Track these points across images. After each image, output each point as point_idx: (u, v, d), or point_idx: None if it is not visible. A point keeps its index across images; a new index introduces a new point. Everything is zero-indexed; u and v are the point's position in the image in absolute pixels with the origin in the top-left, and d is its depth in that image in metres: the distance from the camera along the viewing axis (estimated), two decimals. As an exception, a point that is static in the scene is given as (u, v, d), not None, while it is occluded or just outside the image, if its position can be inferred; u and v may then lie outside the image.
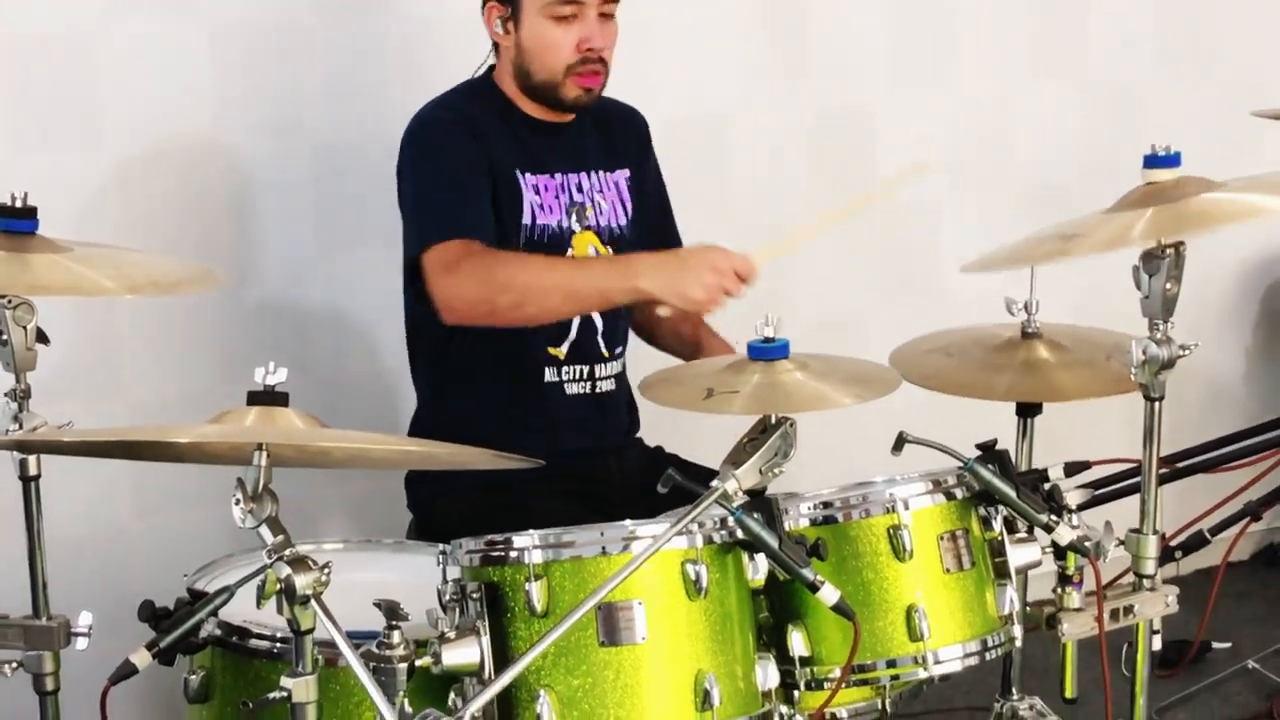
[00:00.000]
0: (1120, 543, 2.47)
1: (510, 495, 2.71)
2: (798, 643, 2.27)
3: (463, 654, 2.09)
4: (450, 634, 2.10)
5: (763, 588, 2.23)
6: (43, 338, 2.23)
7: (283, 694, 2.00)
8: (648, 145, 3.10)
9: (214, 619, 2.24)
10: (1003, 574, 2.38)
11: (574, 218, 2.92)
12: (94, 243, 2.34)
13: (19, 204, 2.23)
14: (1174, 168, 2.39)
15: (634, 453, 3.03)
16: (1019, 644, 2.39)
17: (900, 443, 2.41)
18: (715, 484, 2.11)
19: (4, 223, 2.23)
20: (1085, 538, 2.38)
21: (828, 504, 2.32)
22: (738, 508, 2.12)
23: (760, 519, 2.12)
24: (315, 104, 3.28)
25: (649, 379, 2.39)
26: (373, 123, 3.20)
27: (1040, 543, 2.41)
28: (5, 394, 2.24)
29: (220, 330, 3.25)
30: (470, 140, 2.82)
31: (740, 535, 2.15)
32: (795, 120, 3.82)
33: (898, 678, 2.33)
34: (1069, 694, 2.61)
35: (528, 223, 2.86)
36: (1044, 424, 2.80)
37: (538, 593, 2.09)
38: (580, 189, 2.94)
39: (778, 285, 3.17)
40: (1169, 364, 2.40)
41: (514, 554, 2.12)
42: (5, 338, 2.20)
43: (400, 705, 1.92)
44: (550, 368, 2.91)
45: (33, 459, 2.26)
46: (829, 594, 2.12)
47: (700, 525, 2.13)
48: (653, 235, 3.05)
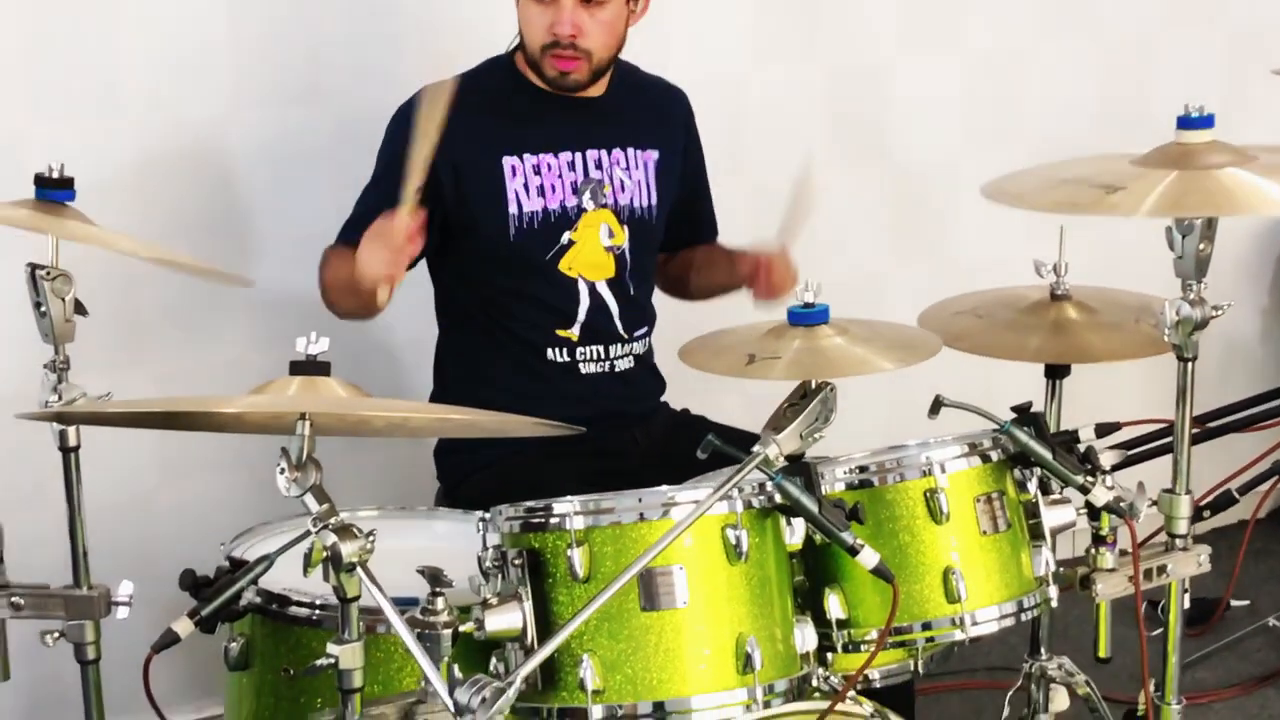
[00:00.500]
0: (1153, 503, 2.48)
1: (539, 463, 2.71)
2: (835, 605, 2.29)
3: (506, 619, 2.10)
4: (492, 600, 2.11)
5: (798, 551, 2.24)
6: (81, 309, 2.23)
7: (330, 660, 2.01)
8: (685, 126, 3.09)
9: (254, 587, 2.26)
10: (1038, 535, 2.39)
11: (586, 195, 2.91)
12: (124, 232, 2.34)
13: (56, 174, 2.23)
14: (1208, 129, 2.39)
15: (660, 417, 3.04)
16: (1054, 605, 2.40)
17: (937, 406, 2.41)
18: (756, 449, 2.11)
19: (41, 193, 2.22)
20: (1120, 499, 2.39)
21: (864, 468, 2.33)
22: (777, 472, 2.13)
23: (800, 483, 2.13)
24: (335, 72, 3.27)
25: (689, 345, 2.39)
26: (392, 91, 3.19)
27: (1074, 504, 2.42)
28: (44, 365, 2.24)
29: (240, 301, 3.24)
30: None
31: (779, 500, 2.16)
32: (808, 80, 3.81)
33: (933, 639, 2.34)
34: (1102, 653, 2.62)
35: (514, 211, 2.86)
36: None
37: (579, 558, 2.10)
38: (599, 165, 2.93)
39: (793, 248, 3.19)
40: (1202, 324, 2.41)
41: (555, 520, 2.13)
42: (44, 309, 2.20)
43: (450, 671, 1.92)
44: (562, 349, 2.91)
45: (72, 430, 2.26)
46: (868, 557, 2.13)
47: (739, 490, 2.14)
48: (685, 217, 3.05)
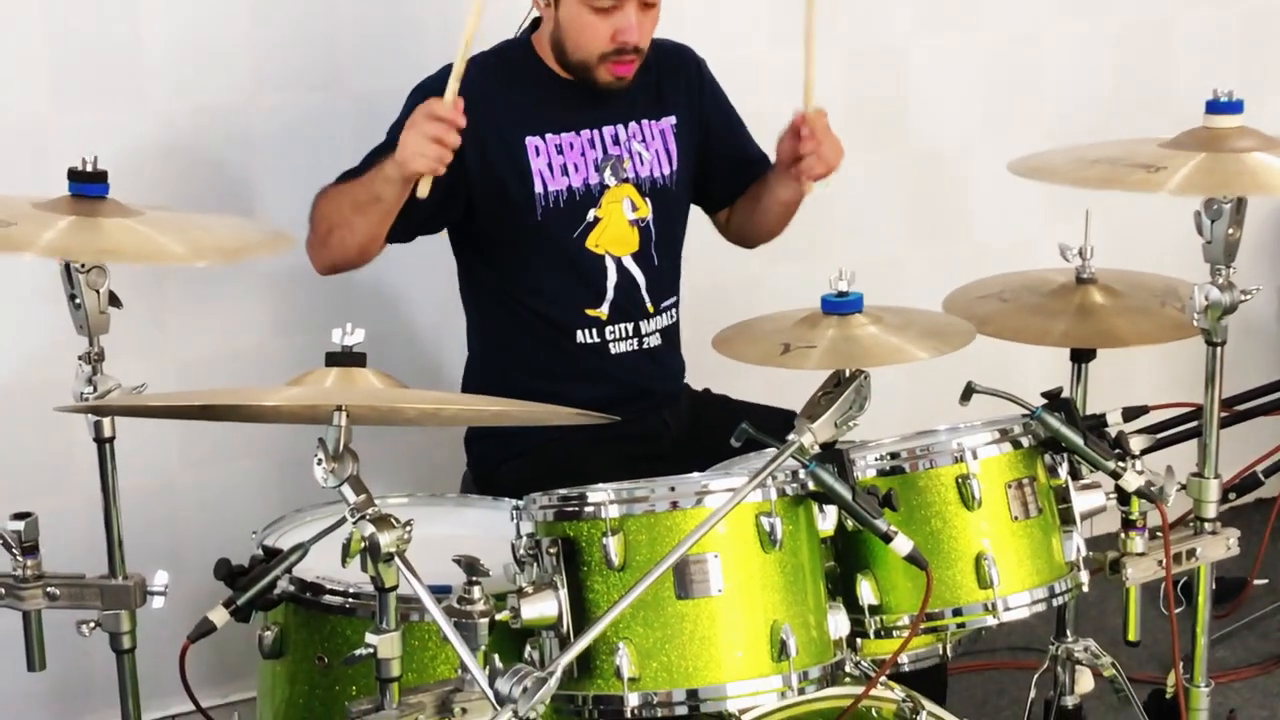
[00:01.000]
0: (1182, 487, 2.49)
1: (573, 450, 2.72)
2: (866, 592, 2.29)
3: (541, 608, 2.11)
4: (528, 589, 2.12)
5: (829, 537, 2.24)
6: (115, 301, 2.23)
7: (369, 650, 2.02)
8: (699, 82, 3.06)
9: (287, 575, 2.26)
10: (1068, 520, 2.40)
11: (608, 171, 2.91)
12: (162, 205, 2.33)
13: (89, 168, 2.23)
14: (1236, 114, 2.39)
15: (684, 398, 3.05)
16: (1085, 589, 2.41)
17: (969, 393, 2.42)
18: (791, 437, 2.12)
19: (75, 187, 2.22)
20: (1151, 483, 2.40)
21: (895, 454, 2.33)
22: (811, 460, 2.14)
23: (833, 471, 2.14)
24: (356, 58, 3.27)
25: (723, 334, 2.39)
26: (414, 76, 3.18)
27: (1104, 488, 2.43)
28: (79, 357, 2.24)
29: (263, 287, 3.25)
30: None
31: (812, 487, 2.17)
32: (825, 63, 3.79)
33: (964, 625, 2.36)
34: (1132, 637, 2.63)
35: (540, 191, 2.86)
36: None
37: (615, 547, 2.11)
38: (617, 140, 2.93)
39: (810, 231, 3.20)
40: (1231, 309, 2.42)
41: (589, 509, 2.14)
42: (79, 301, 2.19)
43: (492, 661, 1.93)
44: (592, 329, 2.91)
45: (107, 421, 2.26)
46: (902, 544, 2.13)
47: (773, 478, 2.14)
48: (735, 164, 3.05)
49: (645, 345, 2.95)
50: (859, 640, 2.32)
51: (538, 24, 2.93)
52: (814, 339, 2.24)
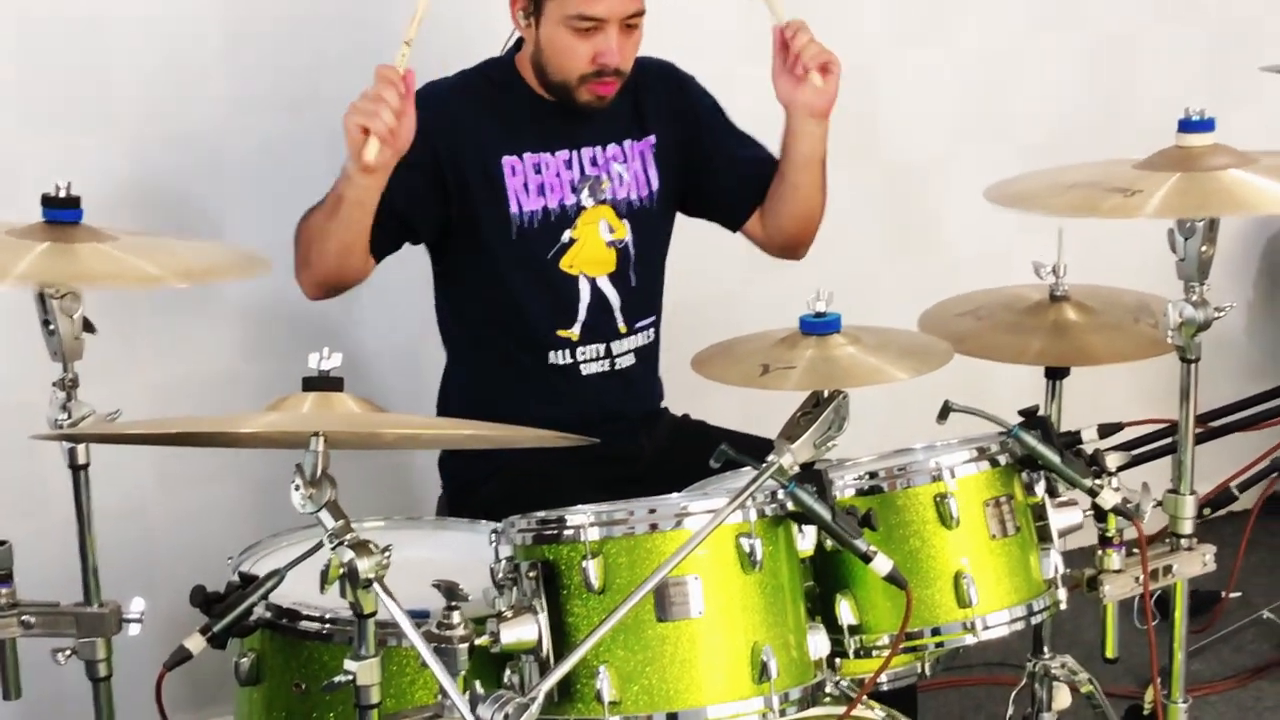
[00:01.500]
0: (1158, 503, 2.50)
1: (547, 472, 2.71)
2: (846, 611, 2.29)
3: (521, 632, 2.10)
4: (507, 613, 2.11)
5: (808, 557, 2.24)
6: (89, 327, 2.22)
7: (348, 677, 2.01)
8: (680, 97, 3.04)
9: (264, 601, 2.25)
10: (1045, 538, 2.41)
11: (585, 192, 2.91)
12: (135, 230, 2.32)
13: (63, 194, 2.22)
14: (1208, 133, 2.40)
15: (663, 423, 3.04)
16: (1064, 607, 2.41)
17: (946, 411, 2.43)
18: (771, 458, 2.12)
19: (49, 213, 2.21)
20: (1127, 500, 2.41)
21: (873, 474, 2.34)
22: (790, 481, 2.13)
23: (813, 491, 2.14)
24: (327, 81, 3.26)
25: (702, 355, 2.39)
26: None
27: (1081, 505, 2.44)
28: (53, 383, 2.23)
29: (235, 309, 3.24)
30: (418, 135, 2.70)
31: (791, 507, 2.17)
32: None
33: (943, 644, 2.36)
34: (1110, 654, 2.64)
35: (515, 210, 2.86)
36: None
37: (594, 570, 2.10)
38: (595, 161, 2.93)
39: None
40: (1205, 326, 2.43)
41: (569, 532, 2.13)
42: (53, 328, 2.18)
43: (472, 686, 1.92)
44: (564, 350, 2.91)
45: (81, 448, 2.25)
46: (882, 564, 2.14)
47: (752, 499, 2.14)
48: (742, 171, 3.04)
49: (617, 366, 2.95)
50: (838, 660, 2.31)
51: (521, 44, 2.93)
52: (793, 359, 2.24)
